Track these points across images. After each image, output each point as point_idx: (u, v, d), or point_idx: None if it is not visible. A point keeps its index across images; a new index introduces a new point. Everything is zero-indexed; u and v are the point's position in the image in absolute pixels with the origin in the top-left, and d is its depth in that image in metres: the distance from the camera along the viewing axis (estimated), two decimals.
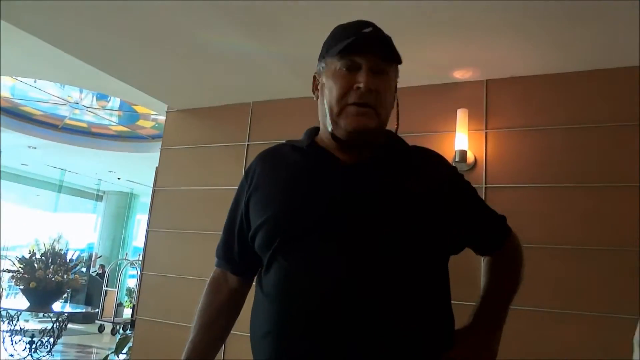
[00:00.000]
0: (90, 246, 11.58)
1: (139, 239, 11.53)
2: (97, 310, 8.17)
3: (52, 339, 5.80)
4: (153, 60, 2.74)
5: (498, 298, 1.13)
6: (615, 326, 2.16)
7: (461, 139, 2.55)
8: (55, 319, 5.85)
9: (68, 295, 7.47)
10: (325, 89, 1.06)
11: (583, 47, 2.26)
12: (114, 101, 6.27)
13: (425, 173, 1.08)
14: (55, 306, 5.74)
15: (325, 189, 1.03)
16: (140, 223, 11.71)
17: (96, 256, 10.76)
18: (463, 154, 2.53)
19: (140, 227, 11.60)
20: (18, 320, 5.81)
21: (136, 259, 9.45)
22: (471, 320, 1.10)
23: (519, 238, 1.20)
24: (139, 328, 3.29)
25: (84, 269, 8.62)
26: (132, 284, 9.99)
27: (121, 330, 8.00)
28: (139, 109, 6.23)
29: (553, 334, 2.27)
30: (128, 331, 6.98)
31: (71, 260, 5.74)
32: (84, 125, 7.30)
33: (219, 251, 1.23)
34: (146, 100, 4.06)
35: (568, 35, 2.15)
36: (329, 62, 1.06)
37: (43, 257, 5.56)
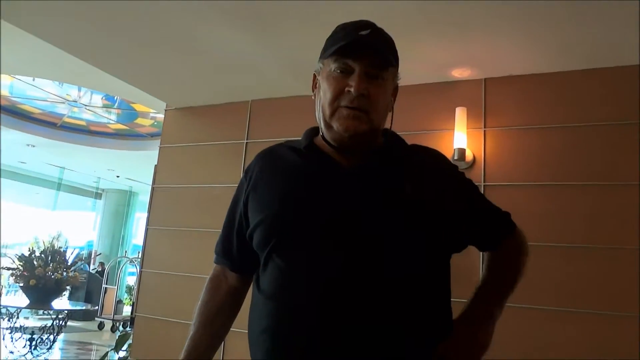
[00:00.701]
0: (89, 244, 11.58)
1: (138, 237, 11.53)
2: (97, 307, 8.17)
3: (52, 336, 5.82)
4: (152, 58, 2.74)
5: (494, 291, 1.13)
6: (615, 324, 2.17)
7: (460, 138, 2.56)
8: (55, 316, 5.87)
9: (68, 293, 7.49)
10: (321, 91, 1.06)
11: (582, 46, 2.26)
12: (120, 103, 6.29)
13: (424, 172, 1.08)
14: (55, 303, 5.75)
15: (322, 190, 1.04)
16: (139, 221, 11.71)
17: (96, 254, 10.77)
18: (462, 152, 2.54)
19: (140, 225, 11.61)
20: (18, 317, 5.83)
21: (135, 256, 9.45)
22: (465, 311, 1.09)
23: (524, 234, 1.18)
24: (139, 325, 3.30)
25: (84, 266, 8.61)
26: (132, 281, 9.99)
27: (121, 328, 8.02)
28: (138, 107, 6.23)
29: (552, 332, 2.28)
30: (128, 328, 7.00)
31: (73, 262, 5.75)
32: (83, 123, 7.30)
33: (218, 248, 1.24)
34: (145, 99, 4.07)
35: (567, 34, 2.16)
36: (325, 63, 1.06)
37: (42, 255, 5.58)
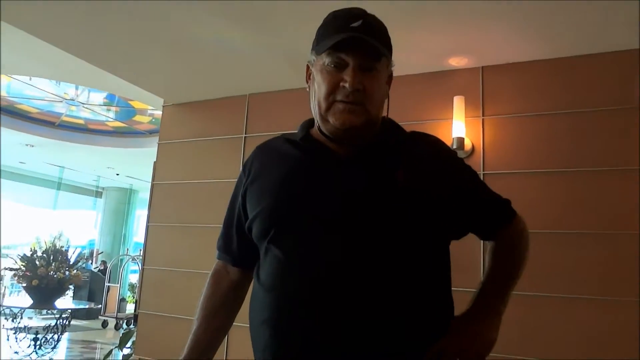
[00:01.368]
0: (91, 243, 11.60)
1: (139, 235, 11.56)
2: (100, 306, 8.21)
3: (56, 336, 5.84)
4: (148, 54, 2.73)
5: (498, 285, 1.12)
6: (614, 310, 2.18)
7: (458, 127, 2.55)
8: (58, 315, 5.88)
9: (71, 292, 7.51)
10: (315, 84, 1.05)
11: (579, 32, 2.25)
12: (117, 101, 6.28)
13: (422, 159, 1.07)
14: (58, 303, 5.77)
15: (319, 181, 1.04)
16: (140, 218, 11.73)
17: (97, 252, 10.79)
18: (460, 141, 2.54)
19: (140, 223, 11.62)
20: (21, 317, 5.84)
21: (137, 254, 9.48)
22: (470, 307, 1.09)
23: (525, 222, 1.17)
24: (142, 322, 3.31)
25: (86, 265, 8.63)
26: (134, 279, 10.02)
27: (124, 325, 8.05)
28: (136, 104, 6.22)
29: (551, 318, 2.29)
30: (131, 326, 7.02)
31: (76, 261, 5.76)
32: (81, 122, 7.29)
33: (219, 244, 1.25)
34: (142, 95, 4.06)
35: (564, 19, 2.15)
36: (317, 56, 1.05)
37: (44, 255, 5.58)
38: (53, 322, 5.87)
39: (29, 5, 2.23)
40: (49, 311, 6.22)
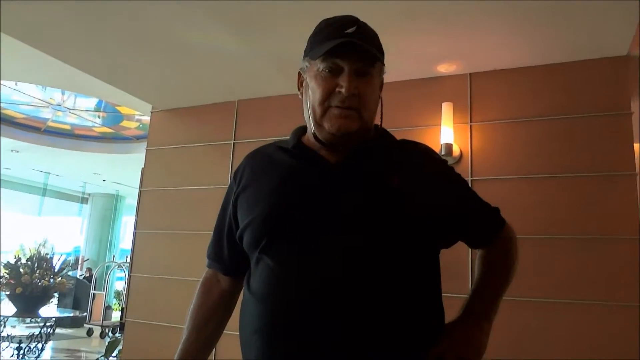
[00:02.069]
0: (76, 249, 11.45)
1: (126, 241, 11.44)
2: (85, 313, 8.10)
3: (41, 345, 5.74)
4: (136, 60, 2.72)
5: (488, 291, 1.12)
6: (607, 314, 2.20)
7: (446, 133, 2.57)
8: (42, 324, 5.79)
9: (55, 300, 7.40)
10: (309, 90, 1.05)
11: (567, 38, 2.28)
12: (104, 106, 6.22)
13: (412, 167, 1.08)
14: (43, 311, 5.67)
15: (311, 189, 1.03)
16: (126, 225, 11.62)
17: (83, 259, 10.65)
18: (449, 147, 2.55)
19: (127, 229, 11.51)
20: (5, 326, 5.74)
21: (124, 261, 9.38)
22: (461, 314, 1.09)
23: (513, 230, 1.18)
24: (129, 330, 3.26)
25: (71, 273, 8.52)
26: (120, 286, 9.91)
27: (110, 334, 7.95)
28: (123, 109, 6.17)
29: (545, 324, 2.30)
30: (117, 334, 6.94)
31: (61, 269, 5.68)
32: (67, 127, 7.21)
33: (210, 252, 1.24)
34: (130, 101, 4.03)
35: (551, 27, 2.17)
36: (311, 62, 1.05)
37: (29, 262, 5.49)
38: (37, 331, 5.77)
39: (15, 9, 2.20)
40: (32, 319, 6.12)
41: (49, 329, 5.85)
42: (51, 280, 5.53)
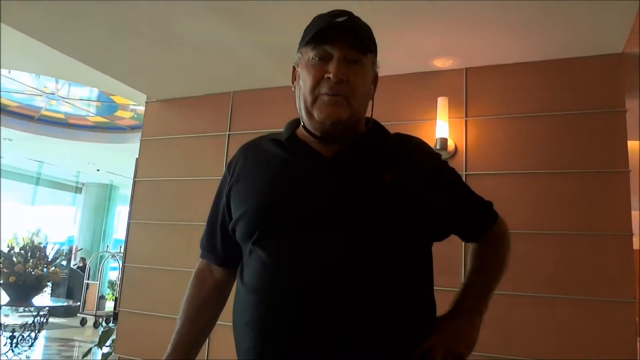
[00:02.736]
0: (70, 239, 11.44)
1: (119, 231, 11.42)
2: (79, 303, 8.10)
3: (34, 334, 5.75)
4: (131, 50, 2.70)
5: (480, 285, 1.13)
6: (596, 310, 2.22)
7: (442, 127, 2.58)
8: (35, 313, 5.79)
9: (49, 289, 7.39)
10: (300, 81, 1.06)
11: (563, 35, 2.29)
12: (99, 96, 6.17)
13: (405, 161, 1.08)
14: (36, 300, 5.67)
15: (304, 182, 1.04)
16: (120, 215, 11.60)
17: (76, 249, 10.64)
18: (444, 142, 2.56)
19: (121, 219, 11.49)
20: None
21: (117, 251, 9.37)
22: (452, 308, 1.10)
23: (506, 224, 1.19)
24: (122, 320, 3.27)
25: (64, 262, 8.50)
26: (114, 276, 9.90)
27: (104, 323, 7.95)
28: (118, 99, 6.13)
29: (531, 318, 2.32)
30: (111, 324, 6.94)
31: (54, 258, 5.67)
32: (61, 116, 7.17)
33: (203, 242, 1.24)
34: (125, 91, 4.01)
35: (547, 23, 2.18)
36: (303, 52, 1.05)
37: (22, 251, 5.48)
38: (30, 320, 5.77)
39: None
40: (26, 309, 6.12)
41: (42, 318, 5.86)
42: (44, 269, 5.52)
